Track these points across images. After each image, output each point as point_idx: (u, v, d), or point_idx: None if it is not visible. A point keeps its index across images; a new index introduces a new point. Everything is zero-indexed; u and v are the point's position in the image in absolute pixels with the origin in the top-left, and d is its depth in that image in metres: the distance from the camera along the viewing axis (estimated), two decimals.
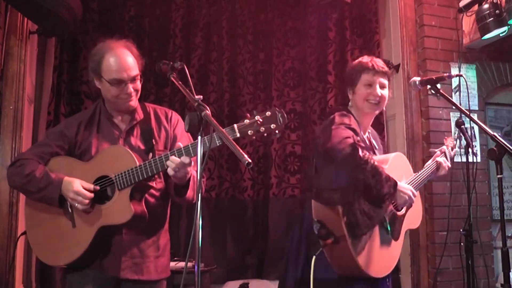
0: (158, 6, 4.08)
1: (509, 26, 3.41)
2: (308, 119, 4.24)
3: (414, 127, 3.72)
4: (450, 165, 2.44)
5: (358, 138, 2.11)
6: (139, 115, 2.10)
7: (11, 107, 3.04)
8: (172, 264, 3.40)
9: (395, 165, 2.19)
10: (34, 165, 1.98)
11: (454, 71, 3.73)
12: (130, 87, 1.98)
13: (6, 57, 3.07)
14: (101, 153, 2.00)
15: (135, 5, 4.04)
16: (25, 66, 3.14)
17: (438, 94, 2.33)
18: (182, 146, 1.84)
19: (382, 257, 2.08)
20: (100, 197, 1.95)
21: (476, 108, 3.80)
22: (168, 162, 1.82)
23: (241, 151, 1.46)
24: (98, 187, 1.93)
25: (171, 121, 2.15)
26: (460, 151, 3.38)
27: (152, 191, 2.02)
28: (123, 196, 1.90)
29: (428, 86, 2.40)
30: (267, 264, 3.97)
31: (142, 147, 2.04)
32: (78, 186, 1.90)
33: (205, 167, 3.91)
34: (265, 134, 1.77)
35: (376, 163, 1.99)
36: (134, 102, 2.05)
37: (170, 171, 1.82)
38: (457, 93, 3.69)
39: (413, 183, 2.22)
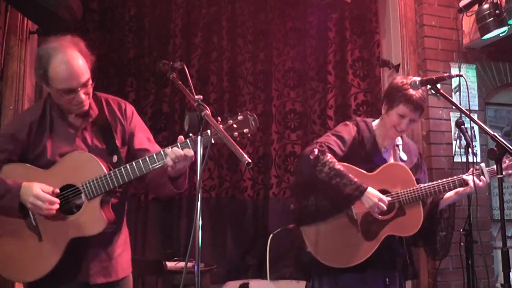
0: (158, 6, 4.08)
1: (509, 26, 3.41)
2: (308, 119, 4.24)
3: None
4: (483, 183, 2.35)
5: (342, 144, 2.32)
6: (94, 111, 1.95)
7: (11, 107, 3.04)
8: (172, 264, 3.41)
9: (386, 175, 2.33)
10: None
11: (454, 71, 3.73)
12: (81, 95, 1.82)
13: (6, 57, 3.07)
14: (62, 160, 1.85)
15: (135, 5, 4.04)
16: (25, 66, 3.14)
17: (438, 94, 2.33)
18: (183, 139, 1.81)
19: (341, 249, 2.28)
20: (66, 208, 1.82)
21: (476, 108, 3.79)
22: (169, 152, 1.76)
23: (241, 151, 1.46)
24: (58, 190, 1.79)
25: (126, 114, 2.02)
26: (460, 151, 3.39)
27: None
28: (93, 206, 1.80)
29: (428, 86, 2.40)
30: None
31: (100, 146, 1.92)
32: (37, 189, 1.74)
33: (205, 167, 3.91)
34: (238, 139, 1.73)
35: (338, 167, 2.21)
36: (87, 106, 1.90)
37: (169, 161, 1.75)
38: (457, 93, 3.69)
39: (406, 194, 2.30)
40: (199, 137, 1.59)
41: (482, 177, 2.34)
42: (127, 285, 2.04)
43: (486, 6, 3.43)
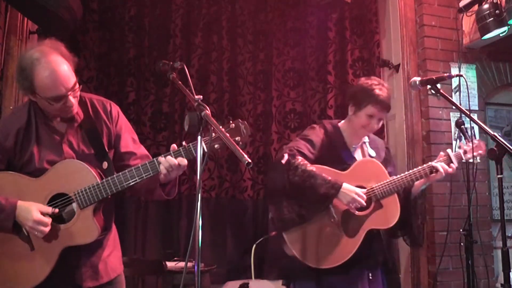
0: (158, 6, 4.08)
1: (509, 26, 3.41)
2: (308, 119, 4.24)
3: (414, 127, 3.72)
4: (452, 169, 2.41)
5: (311, 147, 2.36)
6: (79, 115, 1.91)
7: (11, 107, 3.04)
8: (172, 264, 3.41)
9: (359, 171, 2.38)
10: None
11: (454, 71, 3.73)
12: (71, 99, 1.79)
13: (6, 57, 3.07)
14: (53, 168, 1.81)
15: (135, 5, 4.04)
16: None
17: (438, 94, 2.33)
18: (175, 148, 1.80)
19: (326, 249, 2.28)
20: (57, 215, 1.80)
21: (476, 108, 3.79)
22: (163, 161, 1.76)
23: (241, 151, 1.46)
24: (57, 210, 1.78)
25: (112, 115, 1.98)
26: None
27: None
28: (86, 215, 1.79)
29: (428, 86, 2.40)
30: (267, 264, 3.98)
31: (88, 151, 1.89)
32: (37, 214, 1.72)
33: (205, 167, 3.91)
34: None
35: (310, 168, 2.24)
36: (76, 109, 1.87)
37: (162, 170, 1.76)
38: (457, 93, 3.69)
39: (381, 187, 2.35)
40: (199, 137, 1.59)
41: (451, 164, 2.41)
42: (120, 284, 2.02)
43: (486, 6, 3.43)
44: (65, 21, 2.95)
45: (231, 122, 1.77)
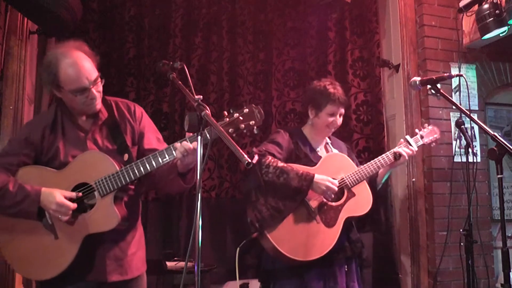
0: (158, 6, 4.08)
1: (509, 26, 3.41)
2: (308, 119, 4.23)
3: (414, 127, 3.71)
4: (412, 152, 2.64)
5: (279, 148, 2.47)
6: (103, 114, 2.03)
7: (11, 107, 3.04)
8: (172, 264, 3.41)
9: (328, 165, 2.52)
10: (3, 178, 1.87)
11: (454, 71, 3.73)
12: (94, 91, 1.91)
13: (6, 57, 3.07)
14: (75, 160, 1.92)
15: (135, 5, 4.04)
16: (25, 66, 3.14)
17: (438, 94, 2.34)
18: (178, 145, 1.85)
19: (309, 242, 2.36)
20: (79, 205, 1.88)
21: (476, 108, 3.79)
22: (178, 146, 1.82)
23: (241, 151, 1.47)
24: (80, 194, 1.87)
25: (136, 115, 2.09)
26: (460, 151, 3.39)
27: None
28: (107, 202, 1.86)
29: (428, 86, 2.42)
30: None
31: (111, 146, 1.98)
32: (61, 198, 1.82)
33: (205, 167, 3.91)
34: (245, 131, 1.79)
35: (281, 164, 2.36)
36: (99, 104, 1.99)
37: (178, 154, 1.82)
38: (457, 93, 3.69)
39: (351, 176, 2.52)
40: (199, 137, 1.59)
41: (410, 147, 2.64)
42: (142, 283, 2.08)
43: (486, 6, 3.43)
44: (65, 21, 2.95)
45: (245, 107, 1.81)
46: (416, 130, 2.80)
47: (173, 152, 1.84)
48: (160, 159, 1.85)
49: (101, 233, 1.87)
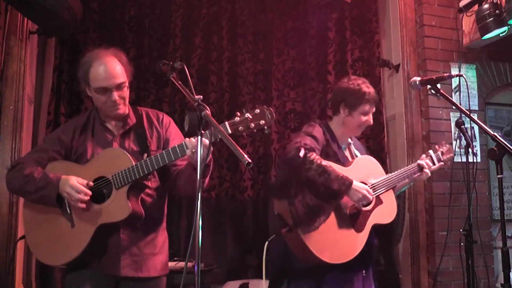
0: (158, 6, 4.08)
1: (509, 26, 3.41)
2: (308, 119, 4.22)
3: (414, 127, 3.72)
4: (430, 170, 2.65)
5: (316, 143, 2.40)
6: (132, 120, 2.17)
7: (11, 107, 3.04)
8: (172, 264, 3.40)
9: (360, 167, 2.48)
10: (32, 168, 2.03)
11: (454, 71, 3.73)
12: (115, 95, 2.03)
13: (6, 57, 3.07)
14: (97, 156, 2.06)
15: (135, 5, 4.04)
16: (25, 66, 3.15)
17: (438, 94, 2.34)
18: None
19: (339, 244, 2.31)
20: (98, 198, 2.00)
21: (476, 108, 3.79)
22: (187, 141, 1.90)
23: (241, 151, 1.47)
24: (92, 183, 1.98)
25: (163, 123, 2.22)
26: (460, 151, 3.39)
27: (148, 190, 2.08)
28: (121, 194, 1.97)
29: (428, 86, 2.42)
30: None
31: (136, 149, 2.11)
32: (73, 181, 1.95)
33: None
34: (255, 130, 1.85)
35: (325, 163, 2.27)
36: (123, 110, 2.11)
37: (188, 152, 1.89)
38: (457, 93, 3.69)
39: (381, 183, 2.48)
40: (199, 137, 1.60)
41: (433, 166, 2.67)
42: (160, 286, 2.13)
43: (486, 6, 3.43)
44: (65, 21, 2.95)
45: (256, 108, 1.88)
46: (436, 146, 2.78)
47: (184, 147, 1.92)
48: (171, 154, 1.94)
49: (116, 224, 1.97)
